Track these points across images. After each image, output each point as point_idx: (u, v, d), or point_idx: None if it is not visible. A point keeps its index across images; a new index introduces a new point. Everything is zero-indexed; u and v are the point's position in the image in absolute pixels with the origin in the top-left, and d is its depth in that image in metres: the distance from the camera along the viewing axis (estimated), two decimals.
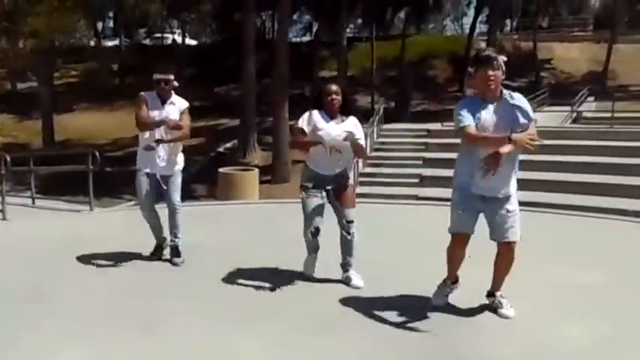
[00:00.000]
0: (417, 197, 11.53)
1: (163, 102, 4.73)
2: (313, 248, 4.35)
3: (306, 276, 4.41)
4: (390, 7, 29.01)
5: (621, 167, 12.87)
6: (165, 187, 4.76)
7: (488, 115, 3.32)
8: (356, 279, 4.26)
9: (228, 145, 19.67)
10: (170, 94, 4.75)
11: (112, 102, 29.17)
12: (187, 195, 14.93)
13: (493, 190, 3.42)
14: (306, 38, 39.60)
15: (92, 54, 32.71)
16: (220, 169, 11.03)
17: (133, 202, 13.43)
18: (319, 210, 4.15)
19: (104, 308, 3.80)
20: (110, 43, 38.32)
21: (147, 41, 42.12)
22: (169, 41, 41.95)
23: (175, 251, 4.85)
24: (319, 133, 4.08)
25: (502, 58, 3.30)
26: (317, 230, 4.16)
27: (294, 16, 35.76)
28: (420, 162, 13.96)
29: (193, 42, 40.90)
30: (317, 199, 4.15)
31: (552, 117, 18.94)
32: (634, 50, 31.97)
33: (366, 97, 29.20)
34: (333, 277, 4.34)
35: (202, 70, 33.23)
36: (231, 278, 4.39)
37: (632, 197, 11.45)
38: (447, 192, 10.24)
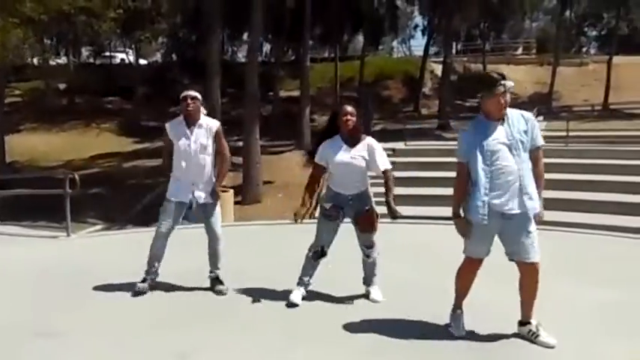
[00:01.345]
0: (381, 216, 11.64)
1: (190, 125, 4.43)
2: (309, 270, 4.33)
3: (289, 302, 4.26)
4: (349, 29, 29.52)
5: (577, 183, 13.51)
6: (202, 216, 4.56)
7: (497, 133, 3.39)
8: (375, 293, 4.33)
9: None
10: (197, 115, 4.43)
11: (61, 122, 28.16)
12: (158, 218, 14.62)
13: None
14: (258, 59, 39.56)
15: (38, 72, 31.52)
16: None
17: (100, 227, 12.99)
18: (330, 233, 4.21)
19: (122, 341, 3.62)
20: (53, 62, 37.08)
21: (92, 59, 41.18)
22: (118, 60, 41.19)
23: (217, 280, 4.64)
24: (331, 156, 4.14)
25: (509, 84, 3.38)
26: (322, 250, 4.21)
27: (244, 36, 35.77)
28: None
29: (143, 61, 40.23)
30: (331, 222, 4.21)
31: None
32: (573, 72, 33.89)
33: (323, 117, 29.54)
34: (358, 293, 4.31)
35: (156, 91, 32.63)
36: (251, 304, 4.29)
37: (592, 212, 12.03)
38: (417, 210, 10.53)
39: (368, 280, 4.40)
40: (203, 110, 4.51)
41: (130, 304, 4.40)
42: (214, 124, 4.50)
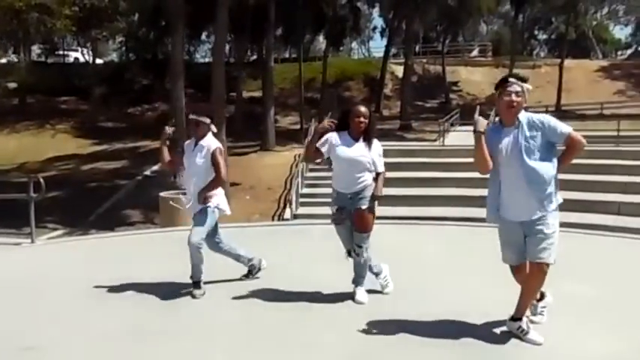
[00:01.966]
0: None
1: (195, 144, 4.62)
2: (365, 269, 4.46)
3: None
4: (311, 30, 29.58)
5: None
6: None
7: (513, 138, 3.36)
8: (360, 295, 4.35)
9: (155, 167, 18.90)
10: (200, 138, 4.58)
11: (12, 123, 27.12)
12: (122, 222, 14.28)
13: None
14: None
15: None
16: (161, 194, 10.62)
17: (61, 232, 12.61)
18: (346, 234, 4.35)
19: (112, 353, 3.54)
20: (2, 60, 35.64)
21: (43, 58, 39.69)
22: (71, 59, 39.88)
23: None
24: (337, 151, 4.19)
25: (526, 87, 3.35)
26: (348, 252, 4.39)
27: (203, 36, 35.39)
28: None
29: (99, 61, 39.13)
30: (342, 227, 4.34)
31: (466, 136, 20.19)
32: (526, 74, 34.94)
33: (285, 119, 29.52)
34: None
35: (113, 91, 31.84)
36: (245, 308, 4.27)
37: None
38: (392, 210, 10.66)
39: (355, 281, 4.42)
40: (213, 129, 4.68)
41: (108, 312, 4.30)
42: (213, 144, 4.58)
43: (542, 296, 3.83)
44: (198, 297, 4.53)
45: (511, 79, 3.37)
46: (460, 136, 19.94)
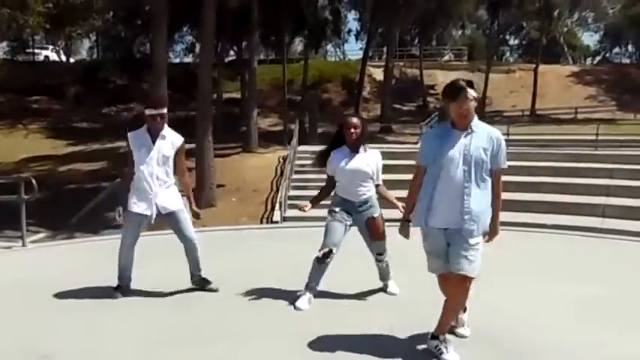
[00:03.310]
0: None
1: (155, 138, 4.37)
2: (316, 275, 4.35)
3: (295, 308, 4.27)
4: (291, 32, 29.52)
5: (519, 185, 14.17)
6: (171, 225, 4.54)
7: (456, 143, 3.23)
8: (392, 287, 4.58)
9: None
10: (163, 128, 4.39)
11: None
12: (107, 224, 13.89)
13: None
14: (188, 59, 38.75)
15: None
16: None
17: (43, 235, 12.19)
18: (339, 235, 4.28)
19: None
20: None
21: (10, 56, 38.52)
22: (42, 57, 38.83)
23: (204, 280, 4.69)
24: (337, 170, 4.35)
25: (472, 93, 3.22)
26: (330, 252, 4.26)
27: (176, 36, 34.88)
28: None
29: (70, 59, 38.23)
30: (340, 224, 4.28)
31: None
32: (501, 78, 35.72)
33: (265, 120, 29.35)
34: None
35: (87, 90, 31.15)
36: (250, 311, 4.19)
37: (536, 212, 12.70)
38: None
39: (384, 278, 4.61)
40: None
41: (118, 316, 4.17)
42: (179, 139, 4.50)
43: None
44: (217, 289, 4.63)
45: (462, 84, 3.23)
46: None
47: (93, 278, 5.03)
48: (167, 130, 4.42)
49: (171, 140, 4.41)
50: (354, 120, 4.34)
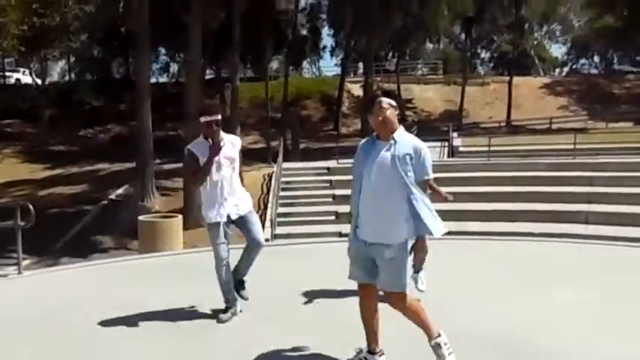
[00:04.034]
0: (339, 234, 11.82)
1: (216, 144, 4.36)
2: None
3: None
4: (270, 50, 29.73)
5: (503, 195, 14.48)
6: (244, 227, 4.44)
7: (379, 154, 3.22)
8: (420, 283, 4.69)
9: (119, 191, 18.31)
10: (220, 134, 4.34)
11: None
12: (94, 248, 13.68)
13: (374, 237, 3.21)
14: (163, 79, 38.75)
15: None
16: (140, 218, 10.28)
17: (29, 261, 11.92)
18: None
19: None
20: None
21: None
22: (13, 80, 38.21)
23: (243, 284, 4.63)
24: None
25: (387, 101, 3.22)
26: None
27: (151, 56, 34.83)
28: (331, 199, 14.35)
29: (38, 81, 37.69)
30: None
31: (430, 151, 20.75)
32: (476, 91, 36.45)
33: (246, 138, 29.32)
34: None
35: (62, 113, 30.75)
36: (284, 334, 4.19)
37: (521, 221, 12.97)
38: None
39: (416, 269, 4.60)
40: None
41: (134, 345, 4.11)
42: (238, 139, 4.54)
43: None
44: (247, 297, 4.57)
45: (377, 95, 3.31)
46: None
47: (99, 305, 4.94)
48: (225, 135, 4.41)
49: (230, 142, 4.39)
50: None
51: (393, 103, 3.23)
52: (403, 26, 27.52)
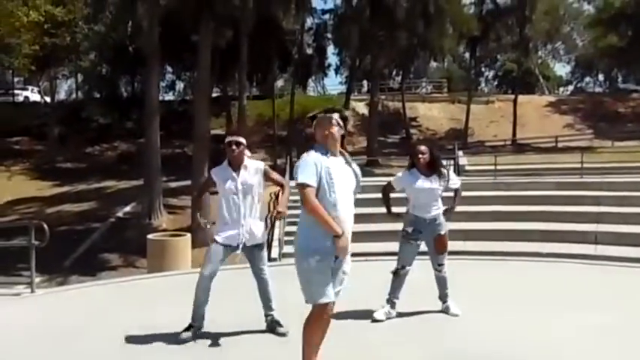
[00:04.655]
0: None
1: (236, 169, 4.43)
2: (396, 289, 4.85)
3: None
4: (276, 68, 30.04)
5: (510, 214, 14.41)
6: (250, 258, 4.54)
7: (337, 166, 3.35)
8: (453, 307, 4.95)
9: (127, 208, 18.38)
10: (242, 159, 4.42)
11: None
12: (103, 266, 13.71)
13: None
14: (169, 97, 39.10)
15: None
16: (149, 236, 10.35)
17: (39, 279, 11.93)
18: (412, 254, 4.87)
19: None
20: None
21: None
22: (21, 98, 38.66)
23: (275, 322, 4.60)
24: (408, 189, 4.84)
25: (336, 117, 3.38)
26: (403, 268, 4.84)
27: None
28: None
29: (47, 99, 38.12)
30: (412, 245, 4.86)
31: None
32: (481, 109, 36.57)
33: (251, 156, 29.41)
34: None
35: (70, 130, 31.02)
36: None
37: (528, 240, 12.88)
38: (382, 246, 10.72)
39: (443, 297, 4.99)
40: (247, 153, 4.53)
41: None
42: (260, 164, 4.56)
43: None
44: (286, 334, 4.49)
45: (327, 114, 3.41)
46: None
47: (109, 325, 4.98)
48: (248, 161, 4.47)
49: (253, 168, 4.45)
50: (422, 147, 4.86)
51: (341, 122, 3.39)
52: (408, 45, 27.75)
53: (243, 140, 4.43)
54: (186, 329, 4.48)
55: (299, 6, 22.80)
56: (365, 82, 49.57)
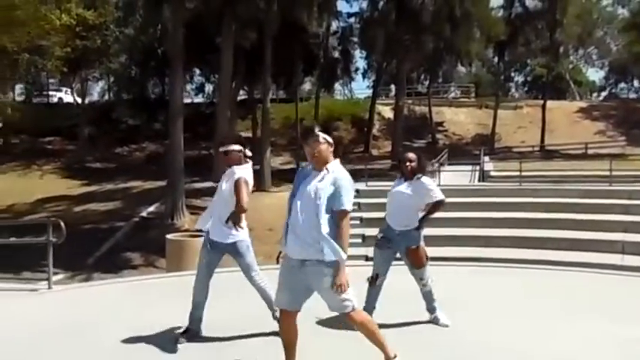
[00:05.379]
0: (366, 258, 11.70)
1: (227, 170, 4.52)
2: (370, 298, 4.67)
3: None
4: (302, 72, 30.17)
5: (534, 221, 14.12)
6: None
7: (311, 182, 3.41)
8: (443, 318, 4.77)
9: (151, 208, 18.66)
10: (230, 165, 4.45)
11: None
12: (124, 265, 13.95)
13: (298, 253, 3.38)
14: (198, 100, 39.62)
15: None
16: (168, 236, 10.45)
17: (62, 276, 12.22)
18: (382, 262, 4.70)
19: None
20: None
21: (24, 97, 39.29)
22: (55, 99, 39.70)
23: None
24: (392, 191, 4.79)
25: (323, 136, 3.42)
26: (376, 276, 4.66)
27: (186, 76, 35.68)
28: (358, 222, 14.25)
29: (79, 100, 39.08)
30: (382, 252, 4.69)
31: (458, 176, 20.50)
32: (509, 115, 35.99)
33: (276, 159, 29.60)
34: None
35: (100, 131, 31.72)
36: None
37: (552, 249, 12.60)
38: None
39: (431, 309, 4.82)
40: (248, 152, 4.57)
41: None
42: (237, 174, 4.41)
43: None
44: None
45: (316, 132, 3.44)
46: (452, 176, 20.20)
47: (122, 322, 5.03)
48: (235, 168, 4.43)
49: (232, 175, 4.42)
50: (409, 155, 4.78)
51: (329, 139, 3.44)
52: (435, 49, 27.51)
53: (234, 147, 4.46)
54: (183, 332, 4.53)
55: (322, 9, 22.84)
56: (392, 87, 49.35)
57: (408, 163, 4.70)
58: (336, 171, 3.41)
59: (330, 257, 3.30)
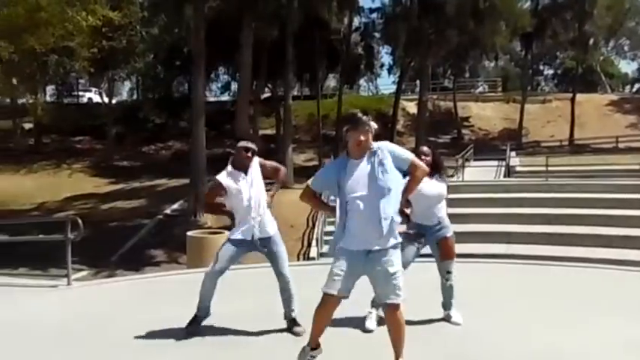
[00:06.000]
0: None
1: (244, 170, 4.52)
2: None
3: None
4: (325, 68, 30.11)
5: (560, 217, 13.81)
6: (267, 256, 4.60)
7: (354, 170, 3.48)
8: (455, 316, 4.69)
9: (175, 206, 18.91)
10: (250, 164, 4.52)
11: (29, 163, 27.43)
12: (147, 262, 14.18)
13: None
14: (224, 98, 39.88)
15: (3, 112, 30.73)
16: (189, 233, 10.53)
17: (86, 272, 12.49)
18: (408, 255, 4.52)
19: None
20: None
21: (55, 98, 40.31)
22: (85, 99, 40.58)
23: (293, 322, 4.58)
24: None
25: (373, 125, 3.53)
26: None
27: (212, 75, 35.94)
28: None
29: (107, 100, 39.82)
30: (409, 245, 4.52)
31: (483, 171, 20.20)
32: (537, 109, 35.25)
33: (300, 155, 29.64)
34: None
35: (127, 130, 32.27)
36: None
37: (579, 245, 12.30)
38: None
39: (447, 305, 4.76)
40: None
41: (163, 358, 4.17)
42: (256, 160, 4.60)
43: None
44: (302, 333, 4.37)
45: (363, 119, 3.48)
46: (477, 172, 19.92)
47: (141, 318, 5.06)
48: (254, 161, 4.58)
49: (257, 166, 4.58)
50: (424, 149, 4.71)
51: (375, 126, 3.54)
52: (459, 44, 27.08)
53: (255, 147, 4.54)
54: (191, 322, 4.57)
55: (343, 4, 22.70)
56: (418, 82, 48.85)
57: (423, 157, 4.57)
58: (377, 145, 3.51)
59: (399, 239, 3.48)
